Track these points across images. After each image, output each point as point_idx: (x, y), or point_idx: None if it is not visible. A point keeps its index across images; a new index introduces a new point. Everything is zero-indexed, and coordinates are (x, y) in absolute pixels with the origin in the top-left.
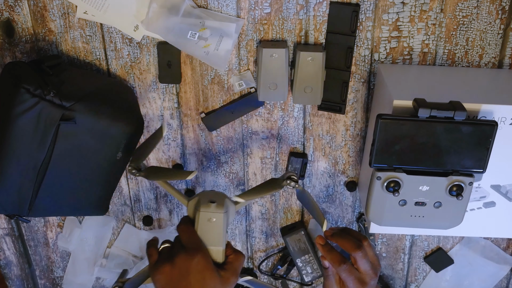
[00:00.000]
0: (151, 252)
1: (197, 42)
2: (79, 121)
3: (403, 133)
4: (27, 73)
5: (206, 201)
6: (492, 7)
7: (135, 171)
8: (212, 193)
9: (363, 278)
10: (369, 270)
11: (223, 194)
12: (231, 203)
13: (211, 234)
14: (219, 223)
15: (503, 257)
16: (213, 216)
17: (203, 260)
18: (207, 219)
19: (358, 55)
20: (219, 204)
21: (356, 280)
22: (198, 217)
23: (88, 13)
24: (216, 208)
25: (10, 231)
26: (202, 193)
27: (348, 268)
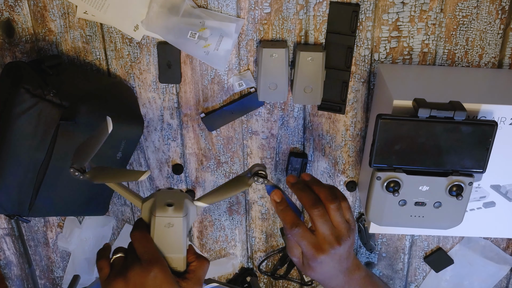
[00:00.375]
0: (101, 265)
1: (197, 42)
2: (79, 121)
3: (403, 133)
4: (27, 73)
5: (162, 204)
6: (492, 7)
7: (78, 173)
8: (170, 194)
9: (319, 243)
10: (328, 234)
11: (182, 194)
12: (191, 204)
13: (170, 241)
14: (178, 228)
15: (503, 257)
16: (171, 221)
17: (160, 273)
18: (164, 225)
19: (358, 55)
20: (177, 207)
21: (310, 245)
22: (154, 223)
23: (88, 13)
24: (174, 212)
25: (10, 231)
26: (158, 194)
27: (299, 233)
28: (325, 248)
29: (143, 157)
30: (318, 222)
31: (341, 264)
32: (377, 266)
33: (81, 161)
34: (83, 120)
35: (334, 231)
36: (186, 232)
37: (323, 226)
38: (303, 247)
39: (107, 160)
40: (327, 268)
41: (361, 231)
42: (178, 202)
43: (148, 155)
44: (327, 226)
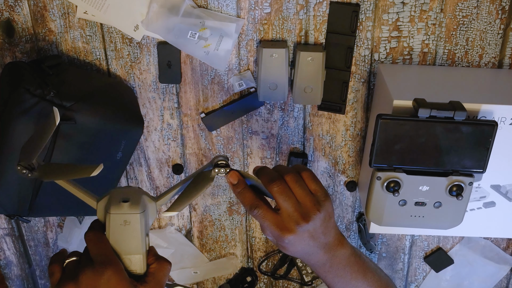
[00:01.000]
0: (52, 270)
1: (197, 42)
2: (79, 121)
3: (403, 133)
4: (27, 73)
5: (118, 200)
6: (492, 7)
7: (26, 171)
8: (126, 190)
9: (284, 222)
10: (292, 211)
11: (139, 190)
12: (149, 200)
13: (127, 240)
14: (135, 226)
15: (503, 257)
16: (127, 218)
17: (114, 276)
18: (120, 223)
19: (358, 55)
20: (133, 202)
21: (274, 226)
22: (109, 221)
23: (88, 13)
24: (130, 208)
25: (10, 231)
26: (114, 191)
27: (260, 213)
28: (291, 227)
29: (143, 157)
30: (279, 199)
31: (317, 240)
32: None
33: (29, 157)
34: (83, 120)
35: (299, 207)
36: (144, 230)
37: (285, 203)
38: (268, 228)
39: (107, 160)
40: (301, 246)
41: (361, 231)
42: (134, 198)
43: (148, 155)
44: (290, 202)
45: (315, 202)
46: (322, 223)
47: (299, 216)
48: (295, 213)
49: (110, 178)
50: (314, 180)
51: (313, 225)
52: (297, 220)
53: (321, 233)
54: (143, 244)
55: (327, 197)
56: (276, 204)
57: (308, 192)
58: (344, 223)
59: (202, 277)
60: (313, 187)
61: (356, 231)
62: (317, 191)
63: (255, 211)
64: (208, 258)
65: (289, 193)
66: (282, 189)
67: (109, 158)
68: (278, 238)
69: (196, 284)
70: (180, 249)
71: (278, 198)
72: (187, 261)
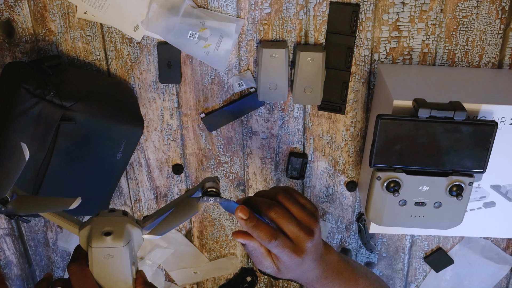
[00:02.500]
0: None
1: (197, 42)
2: (79, 121)
3: (403, 133)
4: (27, 73)
5: (99, 233)
6: (492, 7)
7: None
8: (107, 220)
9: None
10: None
11: (122, 218)
12: (134, 228)
13: (112, 273)
14: (120, 259)
15: (503, 257)
16: (110, 251)
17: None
18: (103, 256)
19: (358, 55)
20: (116, 235)
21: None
22: (91, 255)
23: (88, 13)
24: (113, 242)
25: (10, 231)
26: (95, 220)
27: (280, 243)
28: (304, 247)
29: (143, 157)
30: (282, 223)
31: (317, 251)
32: (377, 266)
33: (1, 191)
34: (83, 120)
35: (300, 224)
36: (130, 261)
37: (289, 226)
38: (286, 256)
39: (107, 161)
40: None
41: (361, 231)
42: (117, 229)
43: (148, 155)
44: (293, 224)
45: (311, 216)
46: (319, 232)
47: (304, 234)
48: (300, 233)
49: (110, 178)
50: (301, 194)
51: (317, 237)
52: (304, 239)
53: (319, 243)
54: (129, 276)
55: (316, 207)
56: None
57: (301, 208)
58: (344, 223)
59: (202, 277)
60: (302, 201)
61: (356, 231)
62: (306, 203)
63: (276, 242)
64: (208, 258)
65: (289, 215)
66: (282, 213)
67: (109, 158)
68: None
69: (196, 284)
70: (180, 249)
71: (281, 223)
72: (187, 261)
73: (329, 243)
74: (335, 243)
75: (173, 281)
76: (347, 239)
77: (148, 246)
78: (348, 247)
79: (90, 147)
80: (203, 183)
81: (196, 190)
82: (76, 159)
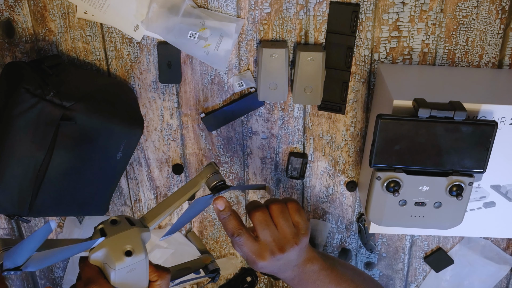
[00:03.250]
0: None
1: (197, 42)
2: (79, 121)
3: (403, 133)
4: (27, 73)
5: (120, 255)
6: (492, 7)
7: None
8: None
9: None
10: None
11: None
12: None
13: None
14: (142, 268)
15: (503, 257)
16: (133, 267)
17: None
18: (126, 272)
19: (358, 55)
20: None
21: (251, 253)
22: (115, 275)
23: (88, 13)
24: (135, 258)
25: (10, 231)
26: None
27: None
28: (266, 256)
29: (143, 157)
30: (258, 227)
31: (288, 264)
32: (377, 266)
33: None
34: (83, 120)
35: (277, 236)
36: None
37: (264, 232)
38: (244, 253)
39: (107, 160)
40: (271, 269)
41: (361, 231)
42: (135, 245)
43: (148, 155)
44: (269, 232)
45: (294, 235)
46: (296, 253)
47: (275, 246)
48: (272, 243)
49: (110, 178)
50: (298, 212)
51: (287, 256)
52: (273, 250)
53: (294, 260)
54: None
55: (307, 231)
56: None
57: (290, 224)
58: (344, 223)
59: None
60: (296, 219)
61: (356, 231)
62: (299, 223)
63: (237, 238)
64: None
65: (269, 222)
66: (262, 219)
67: (109, 158)
68: (251, 262)
69: (196, 284)
70: (180, 249)
71: (257, 226)
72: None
73: (329, 243)
74: (335, 243)
75: None
76: (347, 239)
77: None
78: (348, 247)
79: (90, 147)
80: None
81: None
82: (76, 159)
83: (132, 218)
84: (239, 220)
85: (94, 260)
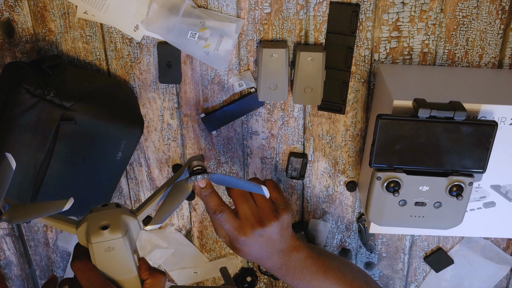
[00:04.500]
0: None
1: (197, 42)
2: (79, 121)
3: (403, 133)
4: (27, 73)
5: (96, 228)
6: (492, 7)
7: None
8: (102, 214)
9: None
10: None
11: (117, 210)
12: (130, 218)
13: (115, 264)
14: (121, 250)
15: (503, 257)
16: (110, 244)
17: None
18: (103, 250)
19: (358, 55)
20: (113, 227)
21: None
22: (92, 251)
23: (88, 13)
24: (111, 234)
25: (10, 231)
26: (90, 216)
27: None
28: (247, 231)
29: (143, 157)
30: (237, 201)
31: (271, 245)
32: (377, 266)
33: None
34: (83, 120)
35: (256, 211)
36: (130, 250)
37: (243, 206)
38: (226, 230)
39: (107, 161)
40: (254, 249)
41: (361, 231)
42: (113, 221)
43: (148, 155)
44: (248, 206)
45: (273, 210)
46: (277, 231)
47: (255, 220)
48: (251, 217)
49: (110, 178)
50: (276, 189)
51: (268, 231)
52: (253, 224)
53: (276, 240)
54: (132, 264)
55: (286, 207)
56: (236, 208)
57: (268, 199)
58: (344, 223)
59: (202, 277)
60: (274, 195)
61: (356, 231)
62: (277, 199)
63: (219, 215)
64: (208, 258)
65: (247, 197)
66: (240, 193)
67: (109, 158)
68: (233, 239)
69: (196, 284)
70: (180, 249)
71: (236, 201)
72: (187, 261)
73: (329, 243)
74: (335, 243)
75: (173, 281)
76: (347, 239)
77: (148, 246)
78: (348, 247)
79: (90, 147)
80: (189, 163)
81: (183, 171)
82: (76, 159)
83: (122, 205)
84: (220, 198)
85: (80, 236)
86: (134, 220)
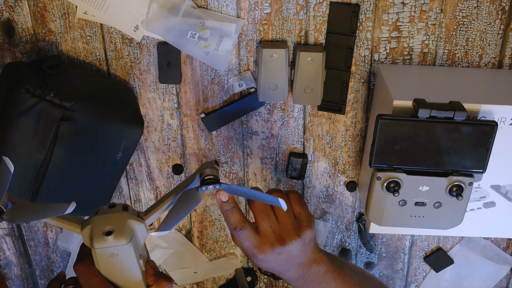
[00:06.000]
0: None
1: (197, 42)
2: (79, 121)
3: (403, 133)
4: (27, 73)
5: (100, 233)
6: (492, 7)
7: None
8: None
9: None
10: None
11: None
12: (137, 223)
13: (119, 270)
14: (125, 256)
15: (503, 257)
16: (113, 250)
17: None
18: (107, 255)
19: (358, 55)
20: (118, 233)
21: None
22: (95, 256)
23: (88, 13)
24: (115, 241)
25: (10, 231)
26: (95, 219)
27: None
28: (265, 249)
29: (143, 157)
30: (258, 217)
31: (290, 261)
32: (377, 266)
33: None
34: (83, 120)
35: (278, 228)
36: (136, 256)
37: (263, 222)
38: (245, 247)
39: (107, 161)
40: (272, 265)
41: (361, 231)
42: (118, 227)
43: (148, 155)
44: (269, 222)
45: (296, 227)
46: (298, 247)
47: (275, 238)
48: (271, 235)
49: (110, 178)
50: (300, 203)
51: (288, 249)
52: (273, 242)
53: (296, 256)
54: (137, 270)
55: (310, 223)
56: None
57: (291, 215)
58: (344, 223)
59: (202, 277)
60: (298, 210)
61: (356, 231)
62: (301, 214)
63: (239, 232)
64: (208, 258)
65: (269, 212)
66: (262, 208)
67: (109, 158)
68: (251, 255)
69: (196, 284)
70: (180, 249)
71: (257, 216)
72: (187, 261)
73: (329, 243)
74: (335, 243)
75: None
76: (347, 239)
77: (148, 246)
78: (348, 247)
79: (90, 147)
80: (201, 170)
81: (195, 177)
82: (76, 159)
83: (130, 207)
84: (242, 213)
85: (84, 238)
86: (141, 225)
